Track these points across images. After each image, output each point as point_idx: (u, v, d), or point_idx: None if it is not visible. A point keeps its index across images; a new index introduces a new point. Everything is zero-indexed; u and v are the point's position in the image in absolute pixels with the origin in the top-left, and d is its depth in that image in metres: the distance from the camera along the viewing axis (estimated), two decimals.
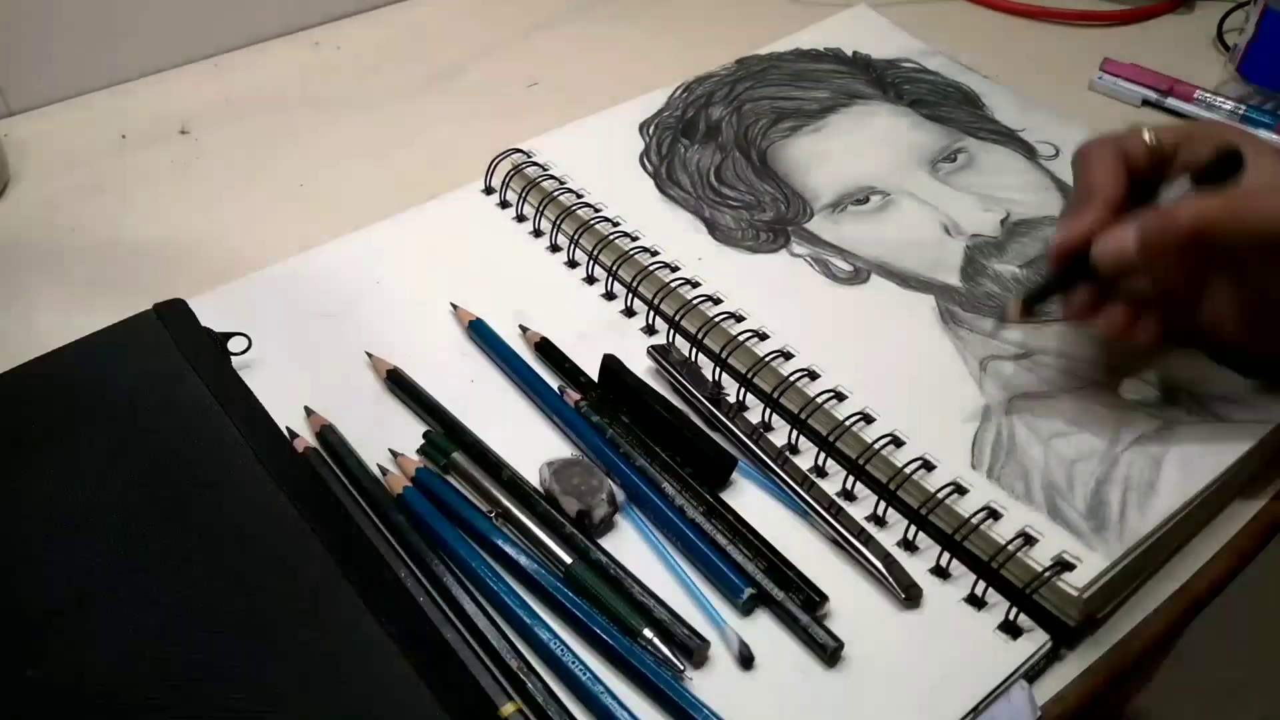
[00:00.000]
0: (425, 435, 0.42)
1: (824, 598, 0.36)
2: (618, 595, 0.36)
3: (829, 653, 0.35)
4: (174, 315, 0.45)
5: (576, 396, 0.44)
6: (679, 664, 0.35)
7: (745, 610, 0.37)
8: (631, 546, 0.39)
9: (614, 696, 0.34)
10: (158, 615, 0.34)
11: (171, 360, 0.43)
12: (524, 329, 0.48)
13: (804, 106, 0.60)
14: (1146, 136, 0.42)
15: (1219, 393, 0.43)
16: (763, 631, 0.36)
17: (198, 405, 0.41)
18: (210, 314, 0.46)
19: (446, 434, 0.42)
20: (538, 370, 0.45)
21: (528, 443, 0.42)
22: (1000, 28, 0.73)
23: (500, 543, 0.38)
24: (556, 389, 0.45)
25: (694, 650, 0.35)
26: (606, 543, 0.39)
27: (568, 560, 0.37)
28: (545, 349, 0.46)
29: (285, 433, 0.41)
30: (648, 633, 0.35)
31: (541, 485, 0.40)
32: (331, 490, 0.39)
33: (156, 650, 0.33)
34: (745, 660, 0.35)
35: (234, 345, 0.45)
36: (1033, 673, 0.36)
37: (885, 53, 0.65)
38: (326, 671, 0.33)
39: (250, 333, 0.46)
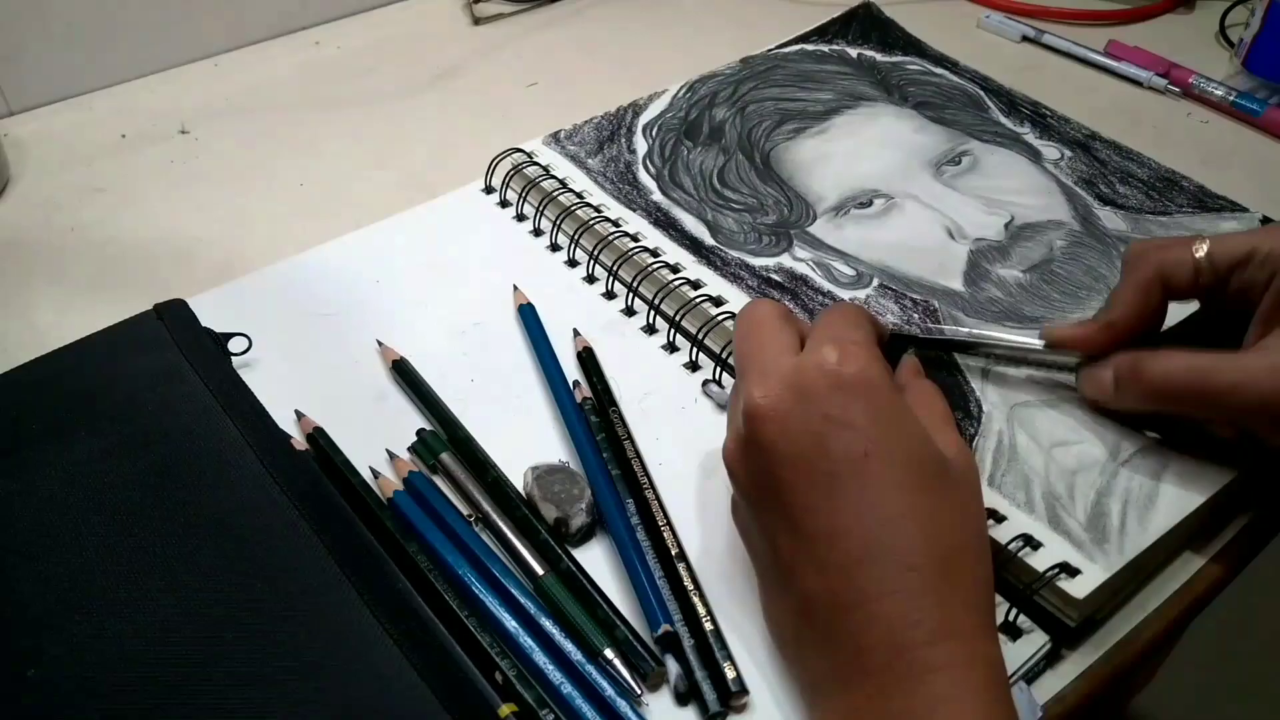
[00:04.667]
0: (418, 433, 0.42)
1: (743, 689, 0.34)
2: (583, 611, 0.36)
3: (729, 699, 0.33)
4: (174, 315, 0.45)
5: (585, 394, 0.44)
6: (635, 687, 0.34)
7: (660, 647, 0.35)
8: (608, 560, 0.38)
9: (597, 712, 0.33)
10: (158, 615, 0.34)
11: (171, 360, 0.43)
12: (576, 333, 0.47)
13: (809, 108, 0.60)
14: (1198, 252, 0.38)
15: None
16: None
17: (198, 405, 0.41)
18: (210, 314, 0.46)
19: (440, 432, 0.42)
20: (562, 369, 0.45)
21: (525, 445, 0.42)
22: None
23: (477, 550, 0.37)
24: (571, 383, 0.44)
25: (648, 674, 0.34)
26: (584, 553, 0.38)
27: (540, 571, 0.37)
28: (587, 360, 0.46)
29: (285, 433, 0.41)
30: (608, 653, 0.34)
31: (524, 490, 0.40)
32: (331, 490, 0.39)
33: (156, 650, 0.33)
34: (681, 697, 0.34)
35: (234, 345, 0.45)
36: (1033, 673, 0.36)
37: (889, 55, 0.65)
38: (327, 671, 0.33)
39: (250, 333, 0.46)
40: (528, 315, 0.48)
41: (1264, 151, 0.62)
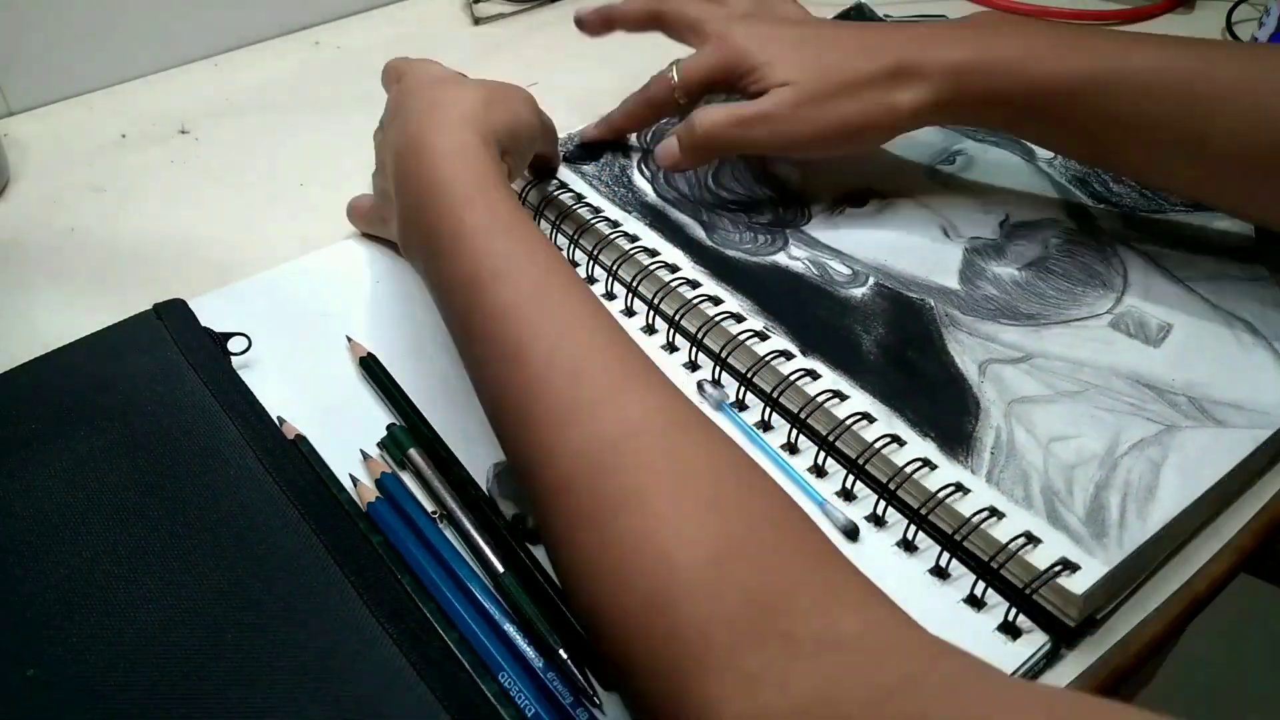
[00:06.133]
0: (388, 428, 0.42)
1: None
2: (540, 610, 0.36)
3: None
4: (174, 315, 0.45)
5: None
6: (590, 688, 0.34)
7: None
8: None
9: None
10: (158, 615, 0.34)
11: (171, 360, 0.43)
12: (571, 264, 0.49)
13: None
14: (673, 77, 0.51)
15: (1218, 397, 0.43)
16: None
17: (197, 405, 0.41)
18: (210, 314, 0.46)
19: (409, 428, 0.42)
20: None
21: None
22: None
23: (441, 549, 0.37)
24: None
25: (605, 672, 0.34)
26: (543, 550, 0.38)
27: (501, 569, 0.37)
28: None
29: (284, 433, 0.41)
30: (563, 653, 0.34)
31: (486, 486, 0.40)
32: (331, 490, 0.39)
33: (156, 650, 0.33)
34: None
35: (234, 345, 0.45)
36: (1032, 673, 0.36)
37: None
38: (326, 672, 0.33)
39: (250, 333, 0.46)
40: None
41: None
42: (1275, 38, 0.65)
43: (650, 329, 0.48)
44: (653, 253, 0.50)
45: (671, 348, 0.47)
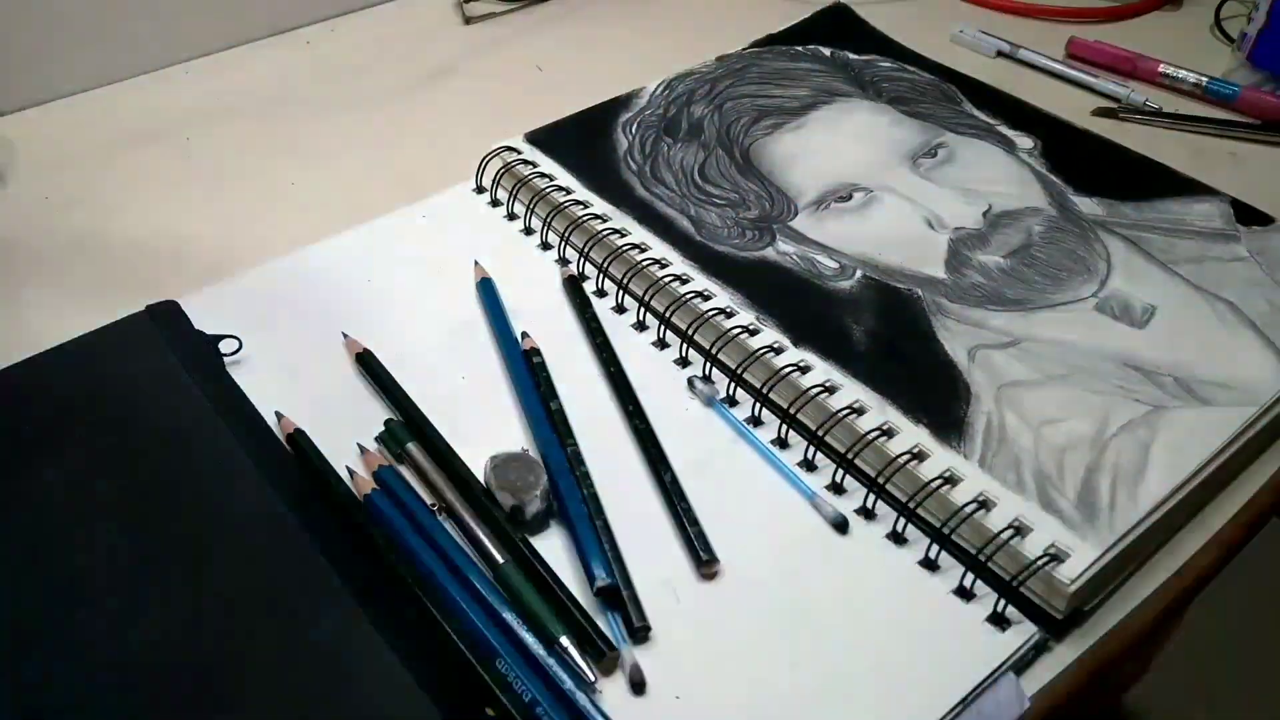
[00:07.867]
0: (386, 423, 0.43)
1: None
2: (540, 599, 0.36)
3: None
4: (166, 316, 0.45)
5: (533, 344, 0.45)
6: (590, 675, 0.34)
7: (597, 596, 0.36)
8: (565, 546, 0.39)
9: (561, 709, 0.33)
10: (155, 616, 0.34)
11: (164, 361, 0.43)
12: (563, 262, 0.52)
13: (785, 104, 0.61)
14: None
15: (1204, 376, 0.43)
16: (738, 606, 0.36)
17: (190, 406, 0.41)
18: (203, 313, 0.46)
19: (406, 423, 0.43)
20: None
21: (509, 440, 0.43)
22: (987, 24, 0.73)
23: (440, 540, 0.37)
24: (520, 336, 0.46)
25: (601, 659, 0.34)
26: (542, 540, 0.39)
27: (500, 560, 0.37)
28: (573, 285, 0.50)
29: (278, 435, 0.42)
30: (564, 640, 0.35)
31: (483, 478, 0.40)
32: (330, 484, 0.39)
33: (154, 651, 0.33)
34: (636, 685, 0.34)
35: (224, 346, 0.45)
36: (1021, 664, 0.36)
37: (862, 52, 0.66)
38: (324, 673, 0.33)
39: (242, 332, 0.46)
40: (485, 290, 0.49)
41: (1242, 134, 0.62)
42: (1263, 35, 0.65)
43: (640, 325, 0.48)
44: (643, 248, 0.50)
45: (662, 344, 0.47)
